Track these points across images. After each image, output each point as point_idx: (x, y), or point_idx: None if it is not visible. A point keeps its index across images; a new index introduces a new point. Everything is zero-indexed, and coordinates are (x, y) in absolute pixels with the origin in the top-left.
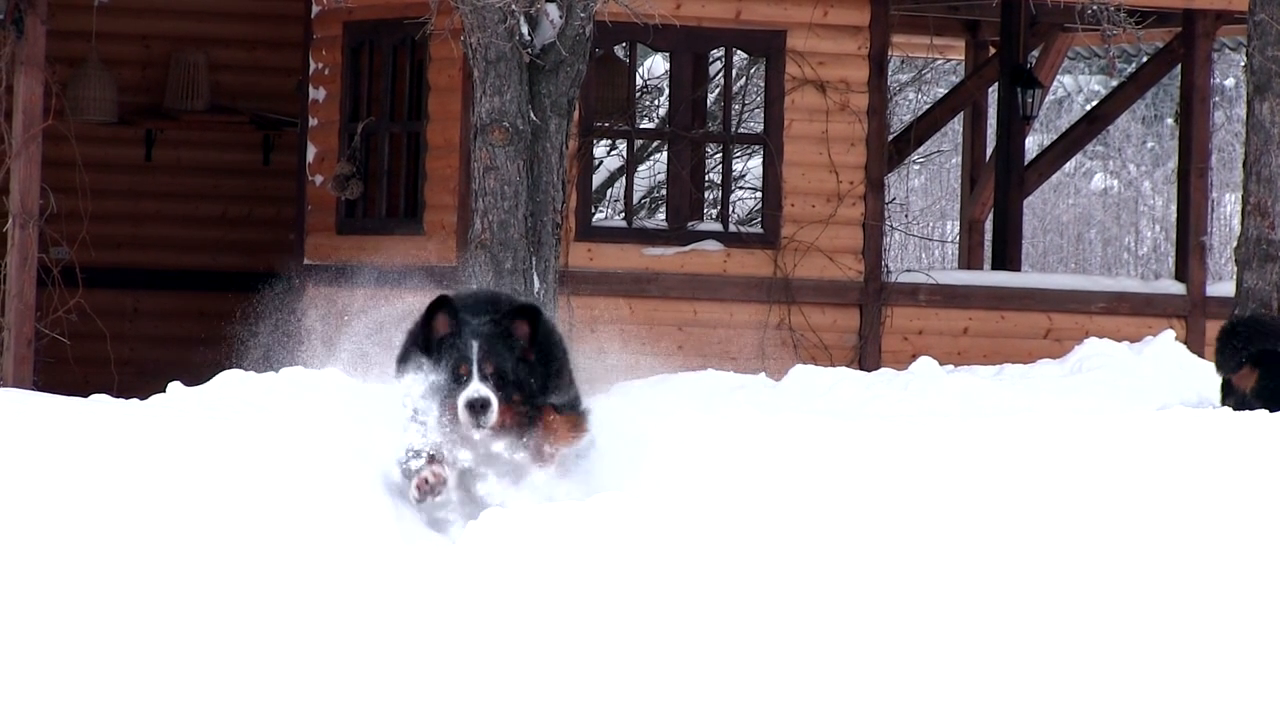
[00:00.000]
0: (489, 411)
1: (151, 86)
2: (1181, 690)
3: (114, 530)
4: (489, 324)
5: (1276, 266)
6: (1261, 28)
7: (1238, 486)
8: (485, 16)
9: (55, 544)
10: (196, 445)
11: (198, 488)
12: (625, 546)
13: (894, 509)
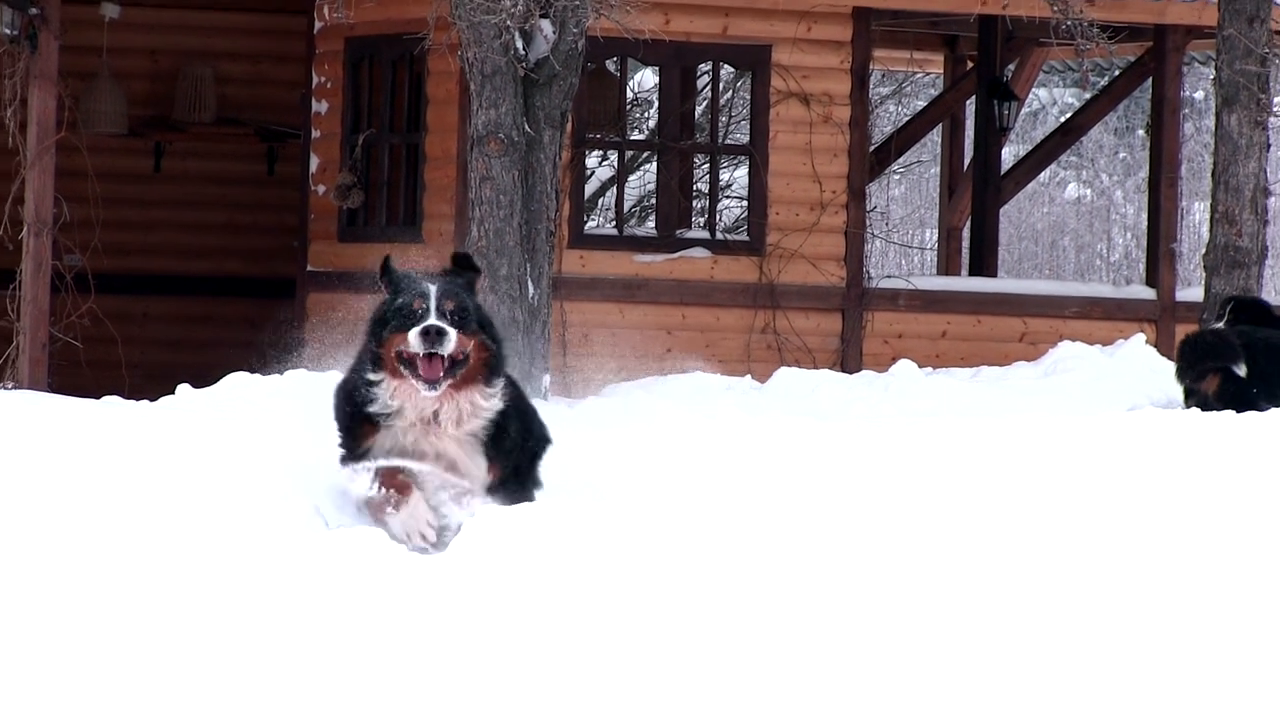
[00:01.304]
0: (445, 339)
1: (160, 100)
2: (1156, 683)
3: (124, 524)
4: (443, 273)
5: (1244, 273)
6: (1230, 42)
7: (1205, 482)
8: (481, 32)
9: (69, 538)
10: (202, 446)
11: (200, 487)
12: (614, 546)
13: (874, 507)
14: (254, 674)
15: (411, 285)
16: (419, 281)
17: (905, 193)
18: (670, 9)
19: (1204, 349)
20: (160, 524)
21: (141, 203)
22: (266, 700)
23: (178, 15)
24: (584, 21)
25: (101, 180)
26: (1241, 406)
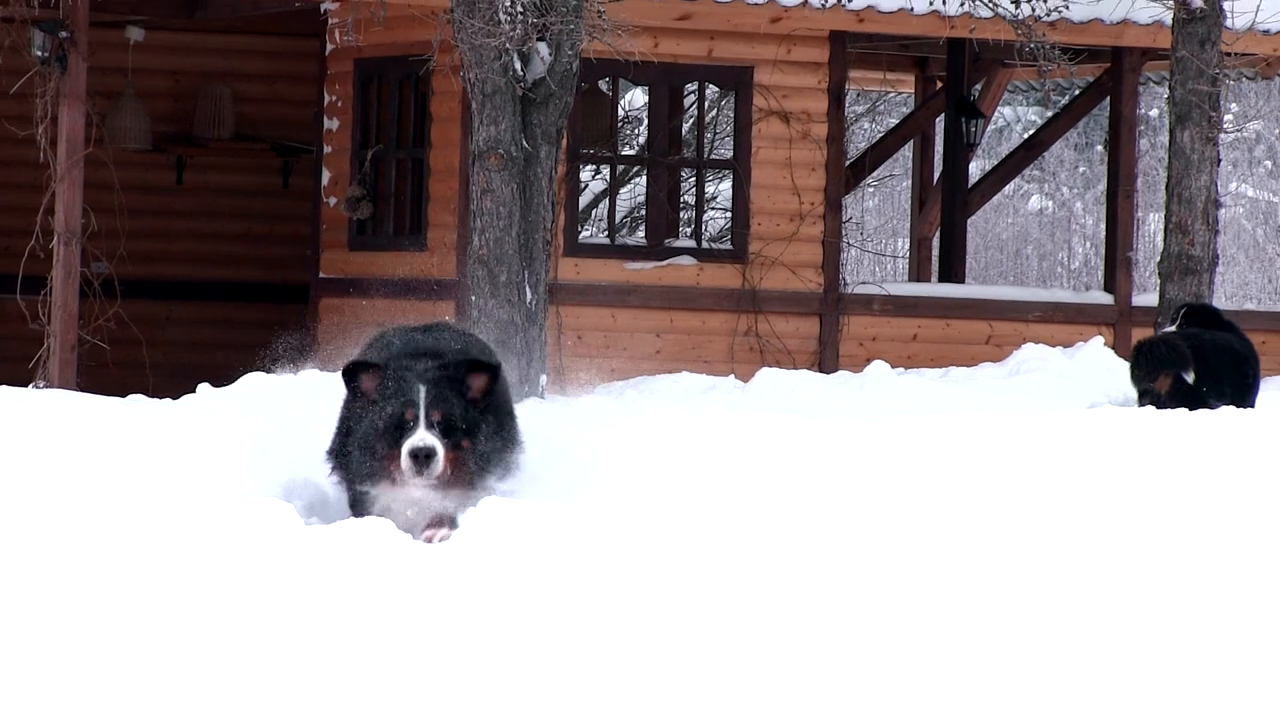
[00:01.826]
0: (434, 463)
1: (181, 117)
2: (1121, 662)
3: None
4: (435, 370)
5: (1196, 279)
6: (1182, 64)
7: (1161, 475)
8: (482, 54)
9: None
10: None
11: (220, 479)
12: (602, 539)
13: (851, 498)
14: (251, 668)
15: (399, 388)
16: (406, 386)
17: (879, 204)
18: (658, 32)
19: (1156, 356)
20: (175, 515)
21: (164, 214)
22: (263, 693)
23: (198, 38)
24: (578, 44)
25: (127, 192)
26: (1193, 404)
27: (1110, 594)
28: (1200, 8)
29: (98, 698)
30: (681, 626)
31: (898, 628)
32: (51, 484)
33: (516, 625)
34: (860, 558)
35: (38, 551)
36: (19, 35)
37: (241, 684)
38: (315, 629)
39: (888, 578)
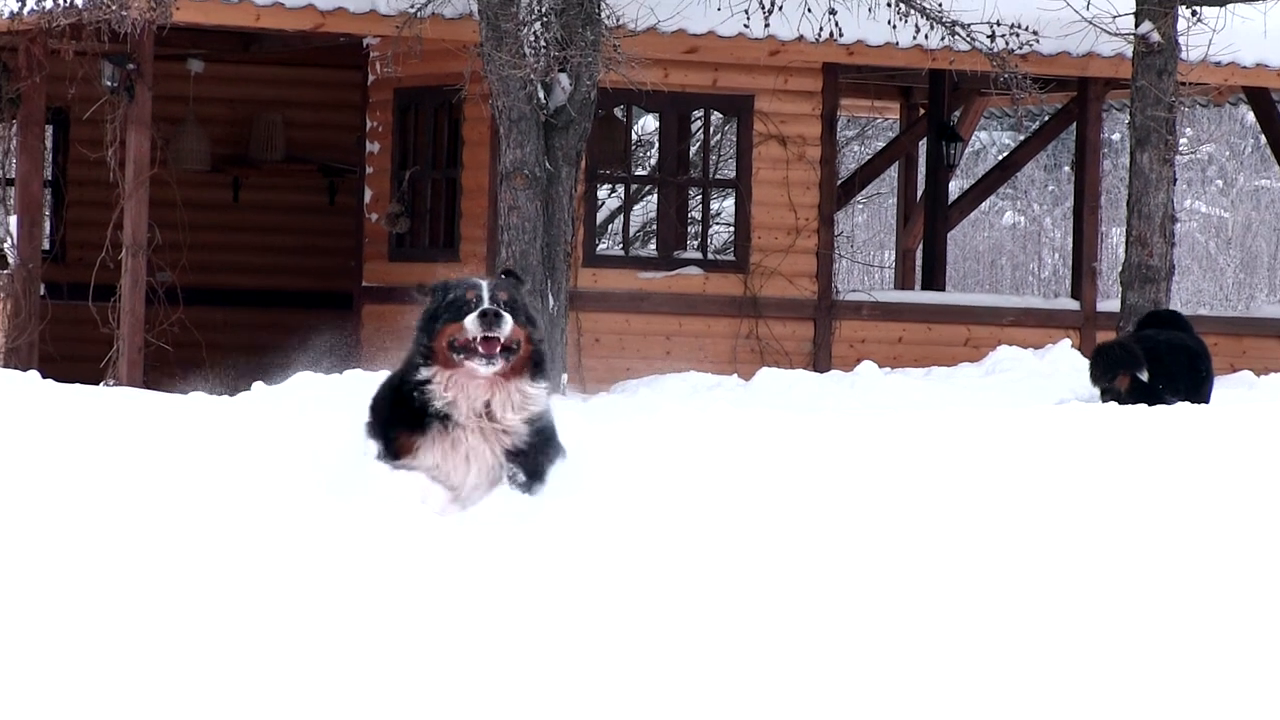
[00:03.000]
0: (502, 321)
1: (238, 141)
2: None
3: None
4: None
5: (1154, 287)
6: (1142, 92)
7: (1122, 464)
8: (509, 84)
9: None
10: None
11: (275, 471)
12: (622, 529)
13: (843, 486)
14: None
15: (462, 281)
16: (468, 278)
17: (867, 219)
18: (668, 64)
19: (1111, 358)
20: (234, 501)
21: (222, 228)
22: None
23: (253, 70)
24: (595, 75)
25: (188, 209)
26: (1151, 400)
27: (1076, 565)
28: (1158, 42)
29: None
30: (688, 612)
31: (896, 610)
32: (122, 473)
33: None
34: (851, 542)
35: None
36: (91, 67)
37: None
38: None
39: (883, 559)
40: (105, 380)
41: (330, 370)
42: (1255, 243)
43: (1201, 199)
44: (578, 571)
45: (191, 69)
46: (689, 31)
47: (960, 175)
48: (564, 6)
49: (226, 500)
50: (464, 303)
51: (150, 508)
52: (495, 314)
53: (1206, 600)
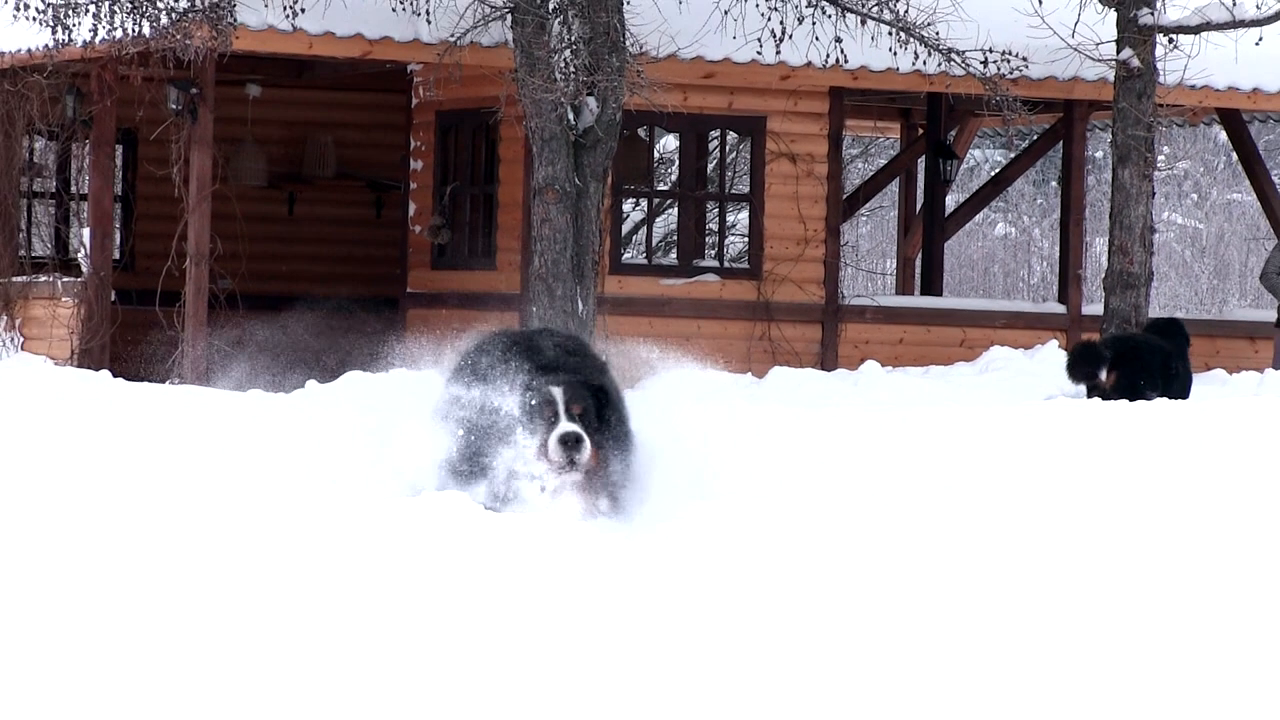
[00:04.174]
0: (582, 447)
1: (292, 159)
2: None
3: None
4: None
5: (1134, 293)
6: (1123, 113)
7: (1107, 455)
8: (541, 106)
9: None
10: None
11: (334, 463)
12: None
13: (851, 472)
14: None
15: (540, 396)
16: (546, 389)
17: (871, 230)
18: (687, 88)
19: (1079, 358)
20: (297, 485)
21: (278, 240)
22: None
23: (306, 94)
24: (621, 98)
25: (247, 222)
26: (1133, 396)
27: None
28: (1138, 67)
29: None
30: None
31: (913, 585)
32: (185, 458)
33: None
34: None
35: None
36: (157, 92)
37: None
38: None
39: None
40: (170, 379)
41: (378, 370)
42: (1227, 252)
43: (1178, 211)
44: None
45: (250, 93)
46: (706, 58)
47: (956, 190)
48: (592, 35)
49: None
50: (544, 421)
51: (216, 492)
52: (576, 439)
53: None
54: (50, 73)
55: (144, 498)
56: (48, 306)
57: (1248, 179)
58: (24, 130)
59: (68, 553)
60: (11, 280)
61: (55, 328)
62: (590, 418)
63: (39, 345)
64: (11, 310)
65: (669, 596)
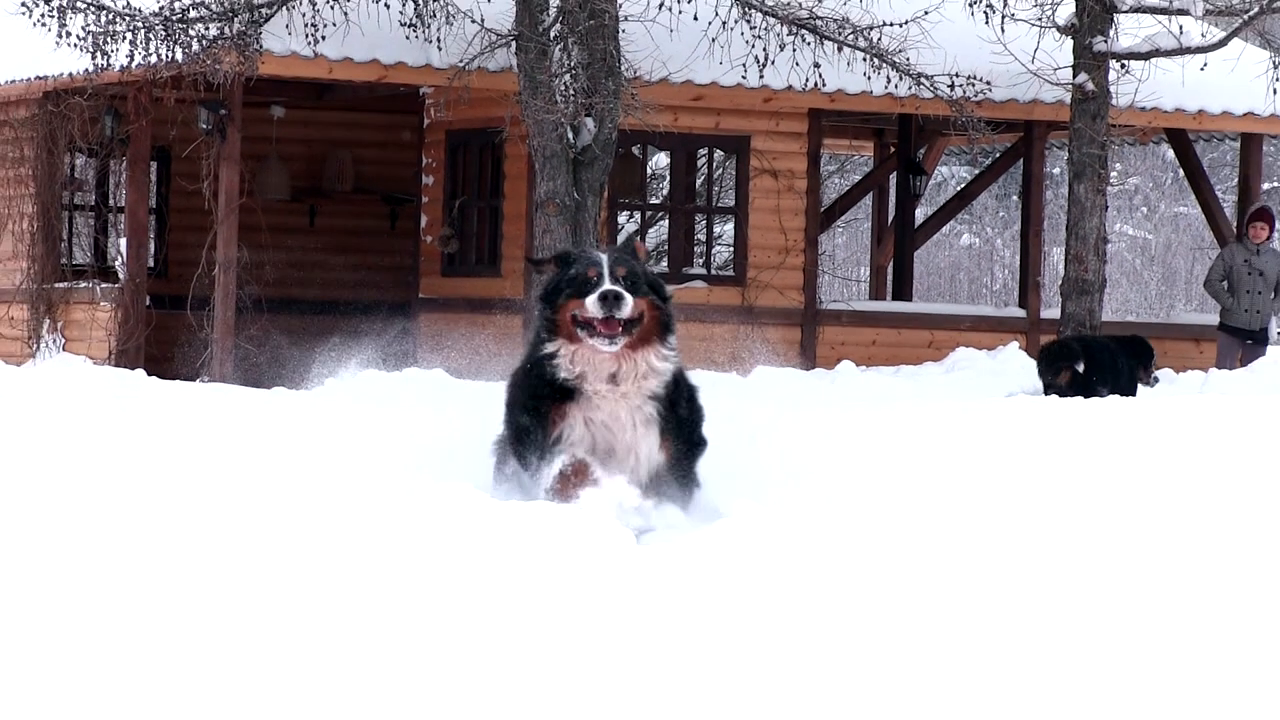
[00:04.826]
0: (623, 302)
1: (313, 174)
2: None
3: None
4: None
5: (1089, 298)
6: (1079, 133)
7: (1063, 447)
8: (543, 126)
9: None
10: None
11: (356, 455)
12: None
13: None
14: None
15: (583, 256)
16: (590, 253)
17: (846, 240)
18: (677, 110)
19: (1056, 354)
20: (325, 479)
21: (300, 249)
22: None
23: (326, 114)
24: (616, 119)
25: (271, 233)
26: (1086, 393)
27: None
28: (1092, 90)
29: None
30: None
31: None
32: (214, 450)
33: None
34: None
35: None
36: (189, 112)
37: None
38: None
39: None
40: (200, 377)
41: (392, 369)
42: (1174, 260)
43: (1129, 223)
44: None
45: (274, 114)
46: (695, 82)
47: (924, 203)
48: (589, 61)
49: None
50: (585, 280)
51: (244, 480)
52: (616, 296)
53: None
54: (90, 95)
55: (176, 485)
56: (87, 310)
57: (1193, 193)
58: (66, 148)
59: (108, 534)
60: (54, 286)
61: (94, 330)
62: (640, 284)
63: (79, 346)
64: (54, 314)
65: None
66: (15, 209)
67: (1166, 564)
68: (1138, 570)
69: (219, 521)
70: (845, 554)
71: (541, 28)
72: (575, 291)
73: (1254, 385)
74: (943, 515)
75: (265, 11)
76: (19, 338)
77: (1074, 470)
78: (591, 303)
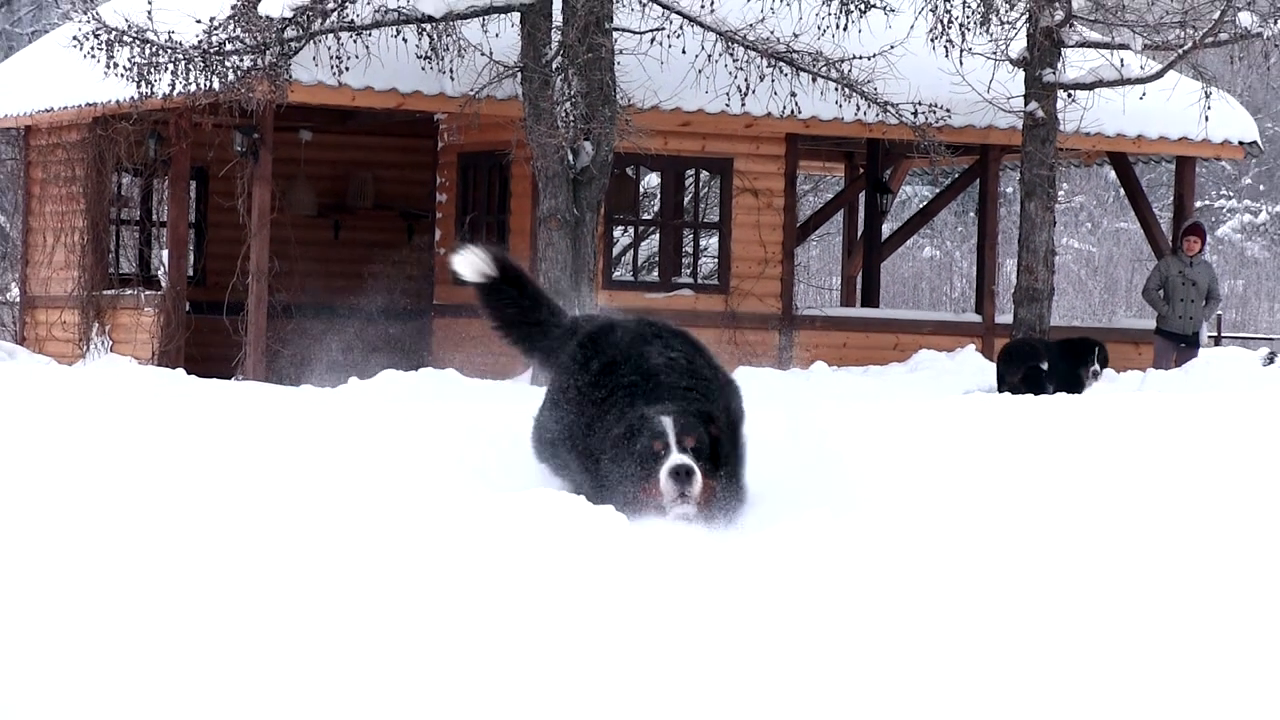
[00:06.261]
0: (694, 480)
1: (337, 193)
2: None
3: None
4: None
5: (1039, 305)
6: (1030, 156)
7: (1014, 438)
8: (546, 149)
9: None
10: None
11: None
12: None
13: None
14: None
15: (649, 427)
16: (655, 421)
17: (820, 253)
18: (667, 134)
19: (1019, 353)
20: (352, 472)
21: (325, 260)
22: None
23: (349, 139)
24: (612, 143)
25: (299, 245)
26: (1037, 390)
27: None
28: (1042, 117)
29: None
30: None
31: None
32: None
33: None
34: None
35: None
36: (225, 136)
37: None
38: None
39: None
40: (235, 376)
41: (409, 369)
42: (1116, 271)
43: (1075, 237)
44: None
45: (302, 138)
46: (684, 109)
47: (890, 219)
48: (588, 90)
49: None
50: (653, 455)
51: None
52: (687, 472)
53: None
54: (135, 120)
55: (210, 473)
56: (133, 315)
57: (1133, 210)
58: (113, 168)
59: (155, 514)
60: (103, 293)
61: (139, 333)
62: (703, 449)
63: (125, 348)
64: (103, 318)
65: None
66: (68, 223)
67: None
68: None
69: (248, 505)
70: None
71: (544, 60)
72: (647, 471)
73: (1188, 384)
74: (905, 501)
75: (294, 45)
76: (71, 340)
77: (1030, 459)
78: (666, 484)
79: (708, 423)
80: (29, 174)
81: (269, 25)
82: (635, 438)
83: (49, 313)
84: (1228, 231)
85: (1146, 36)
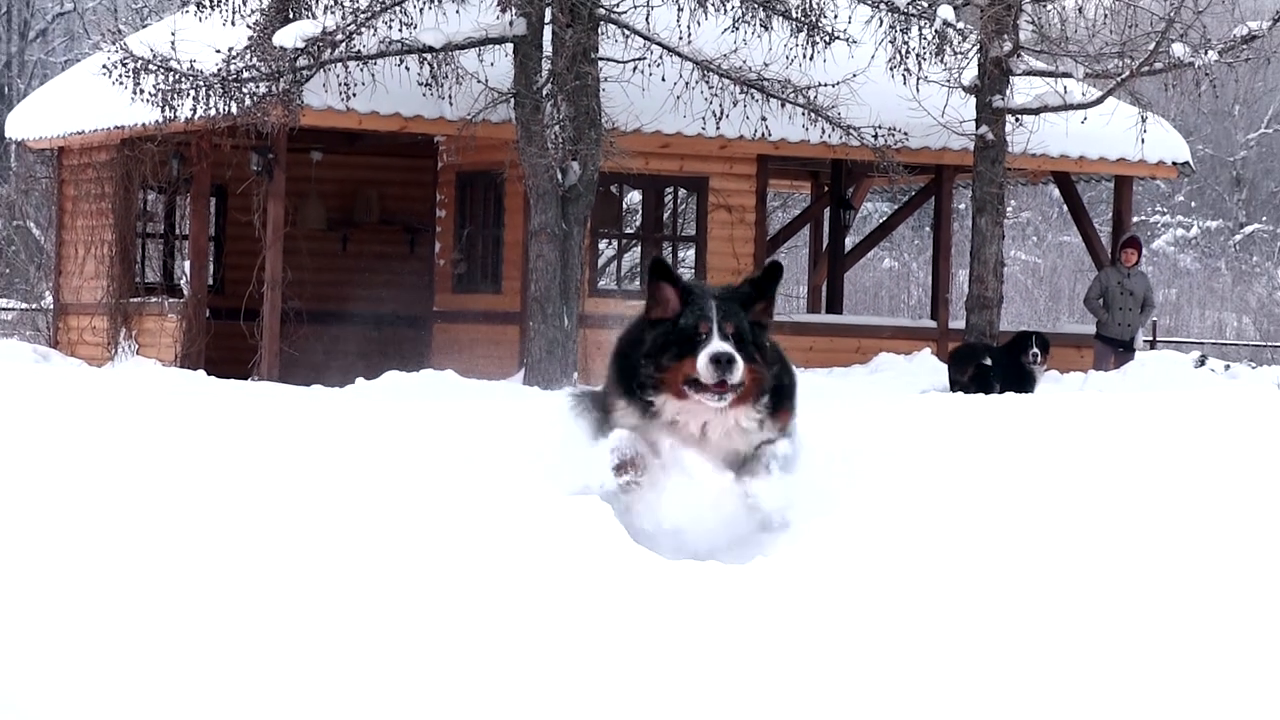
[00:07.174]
0: (734, 367)
1: (345, 208)
2: None
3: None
4: (723, 289)
5: (989, 312)
6: (981, 175)
7: (965, 434)
8: (537, 168)
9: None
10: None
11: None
12: None
13: None
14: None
15: (693, 307)
16: (700, 303)
17: (788, 264)
18: (648, 155)
19: (966, 354)
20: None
21: (334, 270)
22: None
23: (357, 159)
24: (597, 162)
25: (310, 256)
26: (986, 389)
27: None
28: (992, 139)
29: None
30: None
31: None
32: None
33: None
34: None
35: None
36: (242, 156)
37: None
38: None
39: None
40: (251, 377)
41: (411, 370)
42: (1060, 281)
43: (1022, 250)
44: None
45: (313, 158)
46: (663, 132)
47: (853, 233)
48: (575, 114)
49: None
50: (695, 335)
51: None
52: (728, 360)
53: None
54: (159, 142)
55: (233, 466)
56: (157, 321)
57: (1075, 225)
58: (139, 186)
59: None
60: (129, 301)
61: (163, 337)
62: (746, 345)
63: (150, 351)
64: (129, 324)
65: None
66: (97, 237)
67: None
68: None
69: (265, 496)
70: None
71: (535, 87)
72: (686, 349)
73: (1125, 385)
74: (873, 488)
75: (306, 73)
76: (100, 344)
77: (986, 454)
78: (704, 367)
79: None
80: (62, 191)
81: (283, 55)
82: (678, 313)
83: (80, 319)
84: (1162, 245)
85: (1088, 66)
